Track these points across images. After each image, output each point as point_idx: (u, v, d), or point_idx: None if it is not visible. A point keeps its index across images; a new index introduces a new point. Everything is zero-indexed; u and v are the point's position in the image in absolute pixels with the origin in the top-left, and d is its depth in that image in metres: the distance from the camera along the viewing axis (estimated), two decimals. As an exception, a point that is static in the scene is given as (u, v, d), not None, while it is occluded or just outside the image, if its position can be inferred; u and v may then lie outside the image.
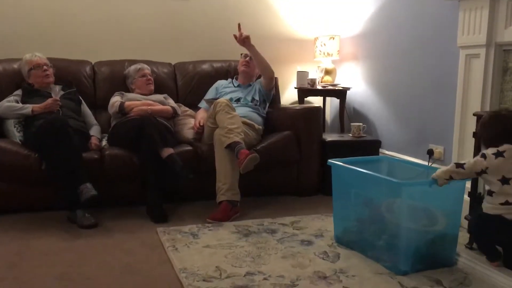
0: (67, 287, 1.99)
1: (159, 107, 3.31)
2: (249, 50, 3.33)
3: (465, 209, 2.44)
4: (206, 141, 3.22)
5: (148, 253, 2.36)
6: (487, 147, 2.15)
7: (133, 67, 3.50)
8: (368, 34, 3.93)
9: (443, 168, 2.15)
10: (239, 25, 3.23)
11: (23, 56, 3.25)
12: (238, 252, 2.36)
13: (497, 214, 2.09)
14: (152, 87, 3.47)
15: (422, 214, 2.20)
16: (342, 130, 4.06)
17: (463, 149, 2.75)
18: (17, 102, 3.07)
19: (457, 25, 2.77)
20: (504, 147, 2.08)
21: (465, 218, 2.45)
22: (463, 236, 2.44)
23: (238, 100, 3.46)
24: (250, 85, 3.57)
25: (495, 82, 2.60)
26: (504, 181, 2.05)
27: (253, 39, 3.33)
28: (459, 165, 2.10)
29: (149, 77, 3.46)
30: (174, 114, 3.35)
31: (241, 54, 3.60)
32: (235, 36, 3.25)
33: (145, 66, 3.52)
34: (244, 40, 3.26)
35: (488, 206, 2.14)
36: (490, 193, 2.12)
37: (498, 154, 2.06)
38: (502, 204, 2.08)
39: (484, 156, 2.09)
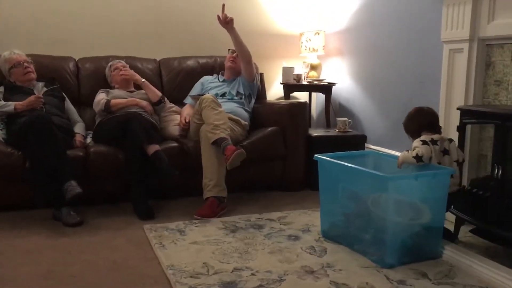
0: (53, 286, 1.97)
1: (145, 102, 3.29)
2: (230, 32, 3.28)
3: (450, 202, 2.46)
4: (192, 137, 3.21)
5: (135, 251, 2.35)
6: (412, 136, 2.42)
7: (107, 67, 3.49)
8: (353, 29, 3.95)
9: (406, 157, 2.27)
10: (223, 6, 3.20)
11: (1, 54, 3.19)
12: (225, 248, 2.35)
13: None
14: (126, 75, 3.41)
15: (408, 208, 2.22)
16: (328, 125, 4.08)
17: (447, 143, 2.78)
18: (-1, 99, 3.03)
19: (441, 20, 2.80)
20: (435, 136, 2.33)
21: (450, 211, 2.48)
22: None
23: (223, 95, 3.45)
24: (234, 79, 3.56)
25: (478, 76, 2.63)
26: (439, 164, 2.31)
27: (239, 34, 3.31)
28: (419, 160, 2.24)
29: (121, 68, 3.43)
30: (162, 99, 3.35)
31: (229, 49, 3.58)
32: (218, 17, 3.21)
33: (116, 60, 3.50)
34: (227, 22, 3.23)
35: None
36: None
37: (433, 142, 2.30)
38: None
39: (426, 143, 2.28)
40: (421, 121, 2.41)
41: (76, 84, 3.50)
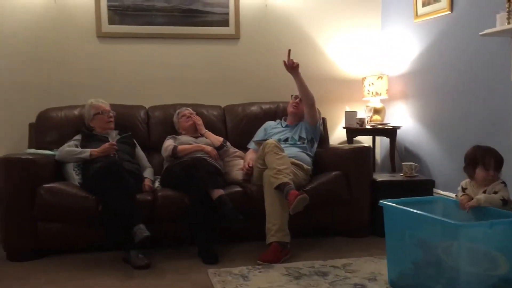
0: (121, 328, 2.02)
1: (210, 148, 3.40)
2: (295, 77, 3.34)
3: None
4: (255, 182, 3.24)
5: (199, 295, 2.37)
6: (498, 171, 2.28)
7: (175, 114, 3.64)
8: (417, 72, 3.90)
9: (491, 198, 2.21)
10: (289, 51, 3.28)
11: (89, 100, 3.44)
12: (289, 295, 2.32)
13: None
14: (190, 121, 3.55)
15: (483, 258, 2.09)
16: (393, 169, 3.98)
17: (523, 189, 2.62)
18: (77, 146, 3.24)
19: (510, 60, 2.71)
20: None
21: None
22: (529, 282, 2.29)
23: (286, 140, 3.48)
24: (297, 124, 3.60)
25: (554, 118, 2.50)
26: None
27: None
28: (505, 203, 2.18)
29: (188, 115, 3.57)
30: (224, 143, 3.45)
31: (292, 95, 3.64)
32: (284, 62, 3.28)
33: (184, 108, 3.64)
34: (294, 67, 3.30)
35: None
36: None
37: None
38: None
39: (505, 185, 2.25)
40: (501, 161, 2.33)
41: (146, 131, 3.68)
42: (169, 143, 3.41)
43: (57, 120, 3.49)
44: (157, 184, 3.30)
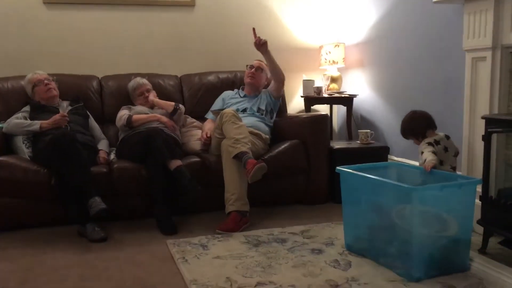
0: (78, 302, 1.99)
1: (166, 118, 3.32)
2: (264, 54, 3.35)
3: (477, 214, 2.41)
4: (213, 152, 3.22)
5: (159, 266, 2.36)
6: (417, 137, 2.61)
7: (130, 85, 3.50)
8: (373, 41, 3.94)
9: (431, 160, 2.39)
10: (253, 29, 3.27)
11: (26, 76, 3.28)
12: (248, 262, 2.34)
13: None
14: (149, 104, 3.46)
15: (434, 220, 2.17)
16: (350, 137, 4.05)
17: (472, 153, 2.73)
18: (26, 118, 3.10)
19: (462, 28, 2.77)
20: (437, 137, 2.55)
21: (477, 222, 2.43)
22: (476, 241, 2.41)
23: (244, 110, 3.46)
24: (256, 95, 3.58)
25: (502, 84, 2.58)
26: (441, 162, 2.52)
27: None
28: (435, 154, 2.44)
29: (146, 94, 3.44)
30: (176, 106, 3.37)
31: (247, 65, 3.61)
32: (255, 42, 3.28)
33: (140, 82, 3.49)
34: (261, 45, 3.28)
35: None
36: None
37: (437, 143, 2.52)
38: None
39: (432, 145, 2.49)
40: (425, 122, 2.61)
41: (100, 102, 3.57)
42: (123, 112, 3.31)
43: (4, 92, 3.33)
44: (112, 156, 3.23)
